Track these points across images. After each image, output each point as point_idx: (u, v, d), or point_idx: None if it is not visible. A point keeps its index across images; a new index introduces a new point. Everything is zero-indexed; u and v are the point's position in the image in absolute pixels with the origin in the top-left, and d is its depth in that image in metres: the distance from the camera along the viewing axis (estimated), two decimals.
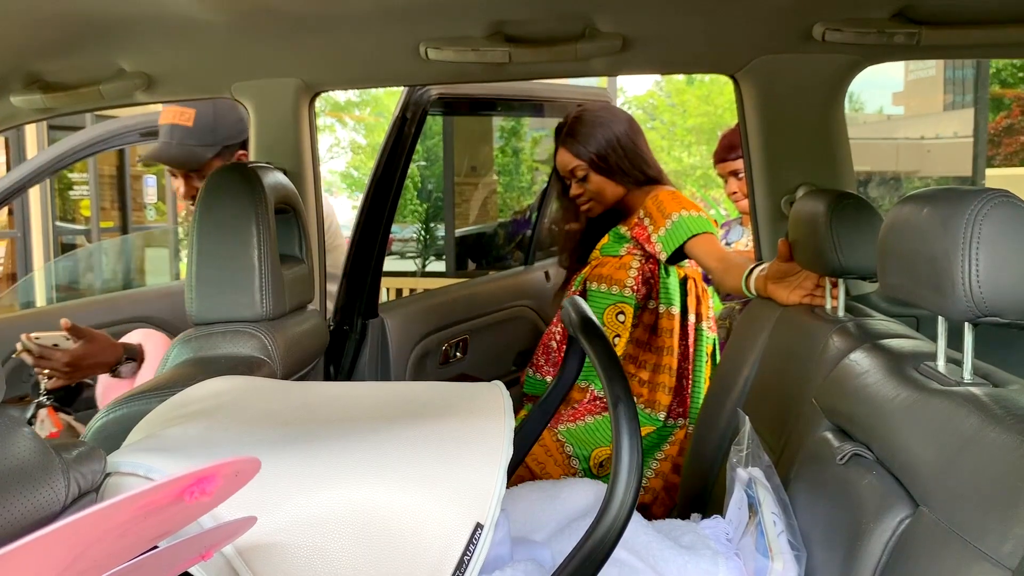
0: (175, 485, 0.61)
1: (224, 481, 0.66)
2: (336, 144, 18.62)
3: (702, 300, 2.27)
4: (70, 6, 1.56)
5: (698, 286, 2.27)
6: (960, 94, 15.58)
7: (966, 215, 0.98)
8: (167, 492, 0.60)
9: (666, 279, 2.22)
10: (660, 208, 2.18)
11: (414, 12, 1.70)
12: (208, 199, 1.56)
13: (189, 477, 0.61)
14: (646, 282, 2.22)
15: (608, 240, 2.30)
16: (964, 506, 0.88)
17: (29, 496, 0.78)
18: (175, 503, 0.62)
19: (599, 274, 2.26)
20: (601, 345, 1.10)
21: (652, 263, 2.22)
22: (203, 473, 0.63)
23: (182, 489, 0.61)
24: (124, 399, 1.32)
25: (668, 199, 2.19)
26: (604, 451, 2.13)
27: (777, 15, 1.73)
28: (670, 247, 2.14)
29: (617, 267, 2.24)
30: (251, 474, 0.72)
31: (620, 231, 2.28)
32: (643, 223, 2.21)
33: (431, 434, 1.01)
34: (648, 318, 2.24)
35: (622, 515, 0.98)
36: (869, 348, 1.29)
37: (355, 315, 2.33)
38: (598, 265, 2.28)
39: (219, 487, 0.65)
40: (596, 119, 2.27)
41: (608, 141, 2.25)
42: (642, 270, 2.22)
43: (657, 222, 2.17)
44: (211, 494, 0.64)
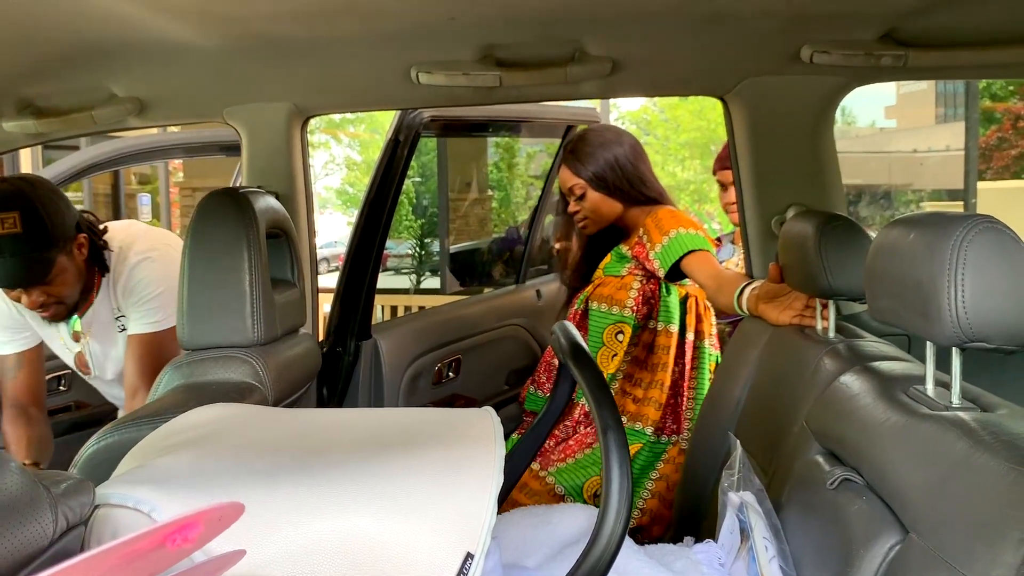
0: (158, 533, 0.61)
1: (206, 527, 0.66)
2: (331, 161, 18.65)
3: (704, 318, 2.28)
4: (61, 31, 1.57)
5: (699, 304, 2.28)
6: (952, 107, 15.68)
7: (952, 241, 0.98)
8: (150, 540, 0.60)
9: (667, 298, 2.23)
10: (658, 225, 2.19)
11: (405, 37, 1.71)
12: (199, 225, 1.57)
13: (172, 524, 0.61)
14: (647, 302, 2.23)
15: (610, 260, 2.32)
16: (952, 533, 0.88)
17: (16, 531, 0.78)
18: (157, 549, 0.62)
19: (600, 294, 2.27)
20: (590, 371, 1.10)
21: (653, 283, 2.24)
22: (186, 520, 0.63)
23: (164, 536, 0.61)
24: (114, 427, 1.32)
25: (667, 217, 2.20)
26: (598, 480, 2.13)
27: (765, 38, 1.74)
28: (667, 263, 2.15)
29: (618, 287, 2.25)
30: (234, 518, 0.72)
31: (622, 250, 2.30)
32: (642, 241, 2.22)
33: (421, 463, 1.01)
34: (647, 337, 2.24)
35: (613, 542, 0.98)
36: (859, 371, 1.29)
37: (348, 337, 2.33)
38: (600, 285, 2.30)
39: (201, 533, 0.65)
40: (599, 140, 2.30)
41: (608, 162, 2.27)
42: (643, 290, 2.23)
43: (654, 239, 2.18)
44: (193, 540, 0.64)
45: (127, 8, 1.44)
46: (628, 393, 2.23)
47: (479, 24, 1.65)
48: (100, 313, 2.10)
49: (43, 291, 1.92)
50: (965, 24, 1.68)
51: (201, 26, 1.58)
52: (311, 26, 1.64)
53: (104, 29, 1.57)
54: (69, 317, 2.07)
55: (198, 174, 9.19)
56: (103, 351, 2.15)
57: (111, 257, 2.06)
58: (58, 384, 2.69)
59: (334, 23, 1.63)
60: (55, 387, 2.67)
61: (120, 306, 2.08)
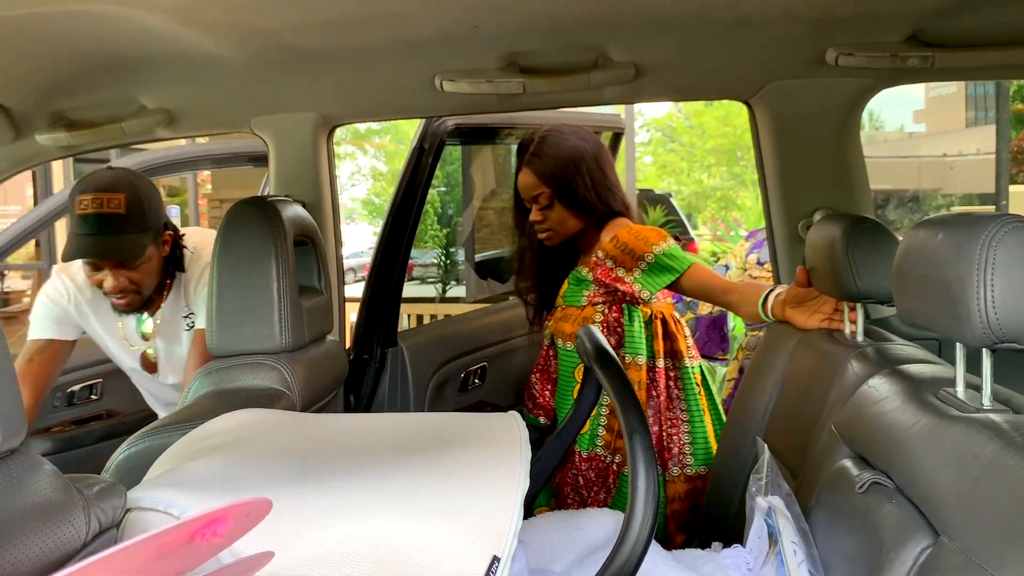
0: (187, 527, 0.61)
1: (235, 522, 0.67)
2: (357, 171, 18.80)
3: (677, 335, 2.12)
4: (92, 46, 1.60)
5: (669, 322, 2.12)
6: (982, 110, 15.50)
7: (980, 240, 0.97)
8: (179, 534, 0.61)
9: (630, 327, 2.07)
10: (625, 249, 2.03)
11: (429, 45, 1.72)
12: (227, 233, 1.59)
13: (201, 519, 0.62)
14: (612, 332, 2.07)
15: (568, 287, 2.15)
16: (984, 535, 0.87)
17: (51, 533, 0.80)
18: (187, 544, 0.63)
19: (563, 330, 2.12)
20: (616, 376, 1.10)
21: (615, 310, 2.07)
22: (215, 515, 0.63)
23: (194, 531, 0.62)
24: (146, 433, 1.34)
25: (630, 239, 2.04)
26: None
27: (790, 41, 1.74)
28: (655, 287, 2.02)
29: (580, 322, 2.08)
30: (263, 514, 0.72)
31: (580, 273, 2.13)
32: (604, 264, 2.06)
33: (447, 467, 1.01)
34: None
35: (639, 546, 0.97)
36: (888, 374, 1.28)
37: (374, 344, 2.34)
38: (562, 318, 2.14)
39: (230, 528, 0.66)
40: (563, 141, 2.10)
41: (578, 171, 2.08)
42: (606, 321, 2.07)
43: (625, 264, 2.03)
44: (223, 535, 0.65)
45: (157, 22, 1.47)
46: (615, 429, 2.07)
47: (502, 32, 1.66)
48: (169, 312, 2.17)
49: (127, 275, 2.02)
50: (992, 24, 1.66)
51: (229, 38, 1.61)
52: (336, 36, 1.66)
53: (135, 43, 1.60)
54: (139, 311, 2.15)
55: (226, 186, 9.29)
56: (167, 350, 2.21)
57: (187, 257, 2.16)
58: (90, 393, 2.73)
59: (359, 33, 1.65)
60: (87, 396, 2.72)
61: (191, 303, 2.16)
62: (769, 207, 2.02)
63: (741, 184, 15.02)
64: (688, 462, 2.09)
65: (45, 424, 2.61)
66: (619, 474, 2.07)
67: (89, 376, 2.70)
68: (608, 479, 2.07)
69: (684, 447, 2.09)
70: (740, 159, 15.26)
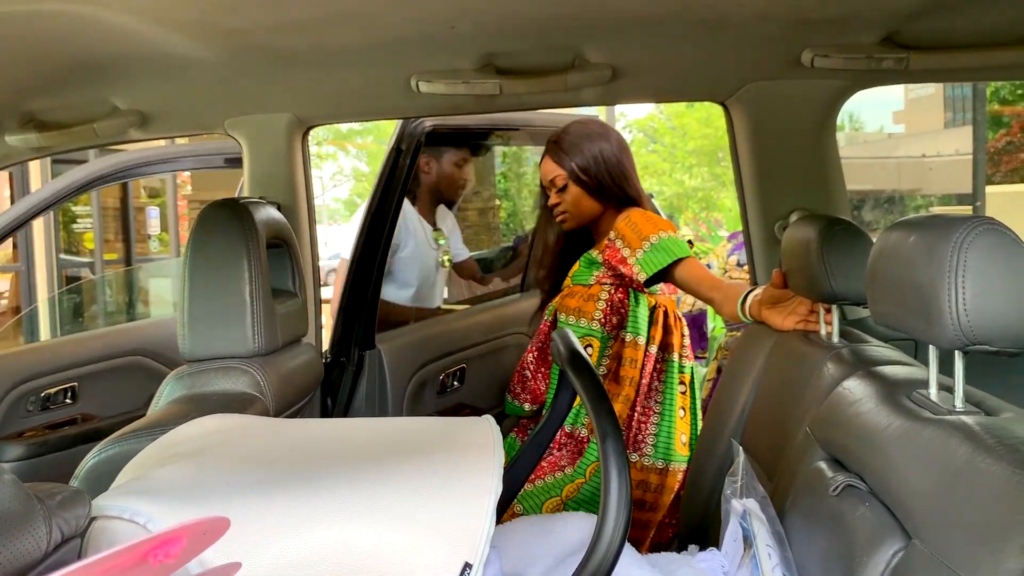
0: (139, 548, 0.60)
1: (189, 542, 0.65)
2: (339, 172, 18.73)
3: (674, 330, 2.19)
4: (63, 46, 1.57)
5: (669, 315, 2.20)
6: (960, 112, 15.64)
7: (951, 243, 0.97)
8: (131, 555, 0.59)
9: (635, 308, 2.15)
10: (635, 229, 2.11)
11: (405, 46, 1.71)
12: (199, 236, 1.57)
13: (153, 540, 0.61)
14: (616, 312, 2.15)
15: (579, 267, 2.24)
16: (956, 538, 0.87)
17: (9, 544, 0.78)
18: (139, 565, 0.61)
19: (567, 305, 2.20)
20: (589, 379, 1.09)
21: (621, 292, 2.16)
22: (168, 536, 0.62)
23: (146, 552, 0.61)
24: (116, 439, 1.32)
25: (642, 220, 2.13)
26: (554, 502, 2.06)
27: (766, 42, 1.74)
28: (651, 268, 2.07)
29: (585, 298, 2.18)
30: (220, 532, 0.71)
31: (592, 255, 2.23)
32: (614, 244, 2.14)
33: (418, 472, 1.00)
34: (618, 347, 2.16)
35: (613, 549, 0.97)
36: (862, 375, 1.28)
37: (352, 347, 2.32)
38: (568, 295, 2.23)
39: (184, 548, 0.65)
40: (585, 132, 2.23)
41: (592, 155, 2.19)
42: (611, 300, 2.15)
43: (632, 243, 2.10)
44: (175, 556, 0.63)
45: (128, 22, 1.45)
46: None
47: (478, 32, 1.65)
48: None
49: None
50: (966, 26, 1.67)
51: (202, 38, 1.59)
52: (311, 36, 1.64)
53: (106, 43, 1.57)
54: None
55: (206, 187, 9.23)
56: None
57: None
58: (65, 396, 2.69)
59: (334, 33, 1.63)
60: (62, 399, 2.68)
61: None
62: (746, 208, 2.02)
63: (722, 185, 15.07)
64: (647, 451, 2.12)
65: (18, 428, 2.58)
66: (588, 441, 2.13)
67: (64, 379, 2.67)
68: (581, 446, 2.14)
69: (647, 436, 2.13)
70: (721, 160, 15.31)
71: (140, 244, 9.11)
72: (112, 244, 8.77)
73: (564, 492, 2.07)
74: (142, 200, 9.49)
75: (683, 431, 2.15)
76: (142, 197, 9.53)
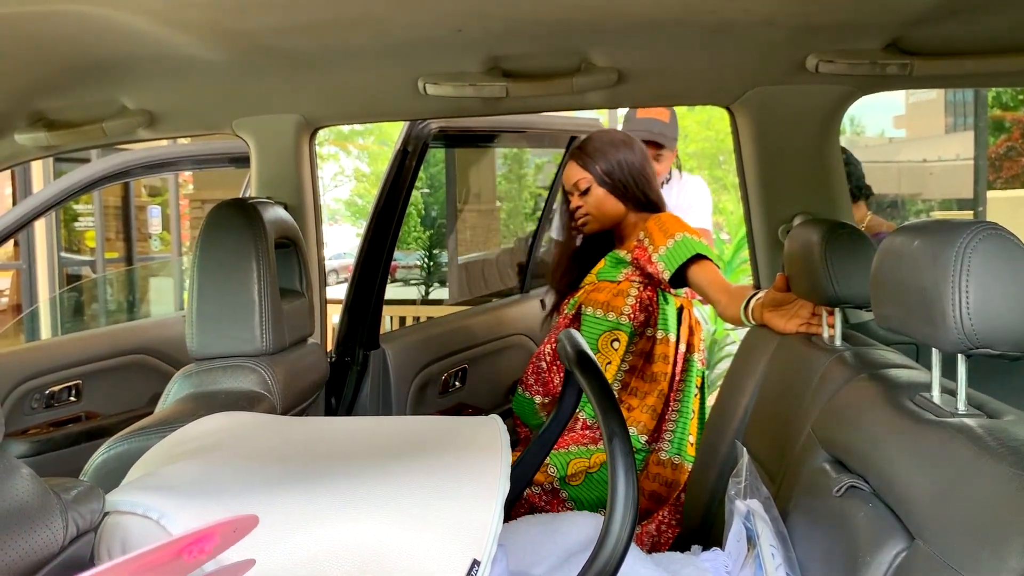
0: (175, 545, 0.61)
1: (222, 539, 0.67)
2: (340, 172, 18.73)
3: (695, 331, 2.25)
4: (73, 46, 1.59)
5: (691, 317, 2.25)
6: (961, 116, 15.65)
7: (956, 247, 0.98)
8: (167, 552, 0.61)
9: (665, 306, 2.20)
10: (663, 228, 2.17)
11: (412, 48, 1.72)
12: (208, 235, 1.58)
13: (189, 537, 0.62)
14: (644, 309, 2.19)
15: (605, 264, 2.28)
16: (958, 539, 0.88)
17: (27, 537, 0.79)
18: (174, 560, 0.62)
19: (595, 299, 2.23)
20: (596, 380, 1.11)
21: (650, 290, 2.20)
22: (203, 533, 0.63)
23: (181, 548, 0.62)
24: (124, 436, 1.33)
25: (671, 220, 2.19)
26: (580, 463, 2.12)
27: (771, 48, 1.75)
28: (672, 264, 2.11)
29: (615, 293, 2.21)
30: (248, 530, 0.73)
31: (619, 255, 2.27)
32: (643, 244, 2.19)
33: (428, 470, 1.02)
34: (644, 345, 2.21)
35: (619, 550, 0.98)
36: (866, 378, 1.29)
37: (356, 347, 2.34)
38: (594, 290, 2.26)
39: (216, 545, 0.66)
40: (610, 139, 2.30)
41: (618, 160, 2.27)
42: (640, 297, 2.19)
43: (658, 241, 2.15)
44: (209, 552, 0.65)
45: (139, 23, 1.46)
46: (623, 402, 2.19)
47: (486, 36, 1.66)
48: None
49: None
50: (970, 33, 1.68)
51: (212, 40, 1.60)
52: (320, 38, 1.65)
53: (116, 44, 1.59)
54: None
55: (208, 186, 9.24)
56: None
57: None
58: (69, 394, 2.70)
59: (343, 35, 1.64)
60: (66, 397, 2.69)
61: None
62: (750, 212, 2.03)
63: (723, 188, 15.09)
64: (664, 447, 2.17)
65: (23, 426, 2.59)
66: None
67: (68, 377, 2.68)
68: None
69: (666, 432, 2.18)
70: (722, 163, 15.34)
71: (141, 243, 9.13)
72: (113, 243, 8.79)
73: (592, 458, 2.12)
74: (144, 199, 9.51)
75: (692, 432, 2.19)
76: (143, 196, 9.55)
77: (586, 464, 2.11)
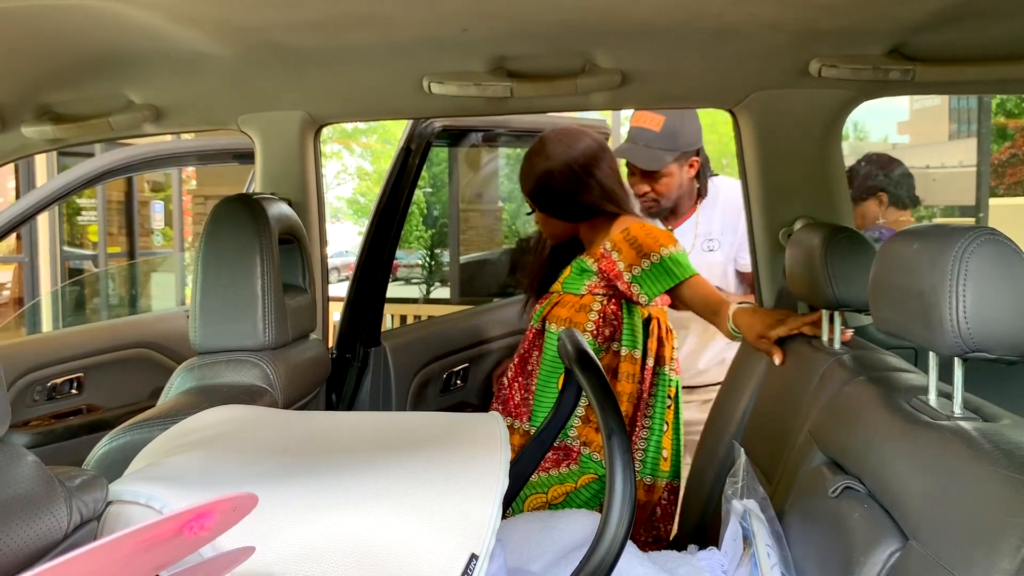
0: (176, 520, 0.62)
1: (222, 516, 0.68)
2: (343, 171, 18.75)
3: (665, 342, 2.13)
4: (81, 40, 1.60)
5: (662, 327, 2.14)
6: (965, 123, 15.65)
7: (953, 252, 0.99)
8: (168, 527, 0.62)
9: (630, 319, 2.08)
10: (633, 243, 2.04)
11: (417, 47, 1.73)
12: (213, 230, 1.59)
13: (189, 513, 0.63)
14: (608, 324, 2.07)
15: (570, 272, 2.16)
16: (952, 540, 0.89)
17: (32, 524, 0.80)
18: (175, 537, 0.63)
19: (558, 315, 2.12)
20: (596, 378, 1.12)
21: (614, 303, 2.08)
22: (202, 509, 0.64)
23: (182, 524, 0.63)
24: (127, 428, 1.34)
25: (642, 235, 2.05)
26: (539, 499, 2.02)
27: (774, 51, 1.76)
28: (653, 291, 2.01)
29: (576, 308, 2.10)
30: (248, 509, 0.73)
31: (584, 263, 2.13)
32: (609, 255, 2.06)
33: (427, 465, 1.02)
34: (610, 360, 2.08)
35: (615, 547, 0.99)
36: (863, 381, 1.30)
37: (357, 343, 2.35)
38: (558, 304, 2.14)
39: (217, 522, 0.67)
40: (540, 152, 2.14)
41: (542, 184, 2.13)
42: (603, 312, 2.08)
43: (628, 257, 2.02)
44: (209, 529, 0.66)
45: (147, 18, 1.47)
46: (590, 421, 2.07)
47: (491, 36, 1.67)
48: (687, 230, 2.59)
49: (650, 183, 2.49)
50: (973, 40, 1.69)
51: (218, 36, 1.61)
52: (326, 36, 1.66)
53: (124, 38, 1.60)
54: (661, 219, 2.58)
55: (210, 182, 9.26)
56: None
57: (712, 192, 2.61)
58: (71, 387, 2.72)
59: (349, 33, 1.65)
60: (67, 390, 2.71)
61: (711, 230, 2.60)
62: (751, 214, 2.04)
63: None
64: (636, 468, 2.05)
65: (24, 418, 2.60)
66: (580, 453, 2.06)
67: (70, 370, 2.69)
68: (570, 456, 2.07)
69: (637, 452, 2.08)
70: (725, 166, 15.34)
71: (144, 238, 9.15)
72: (116, 237, 8.80)
73: (550, 493, 2.02)
74: (146, 194, 9.53)
75: (665, 446, 2.10)
76: (146, 191, 9.57)
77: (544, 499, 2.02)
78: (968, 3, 1.49)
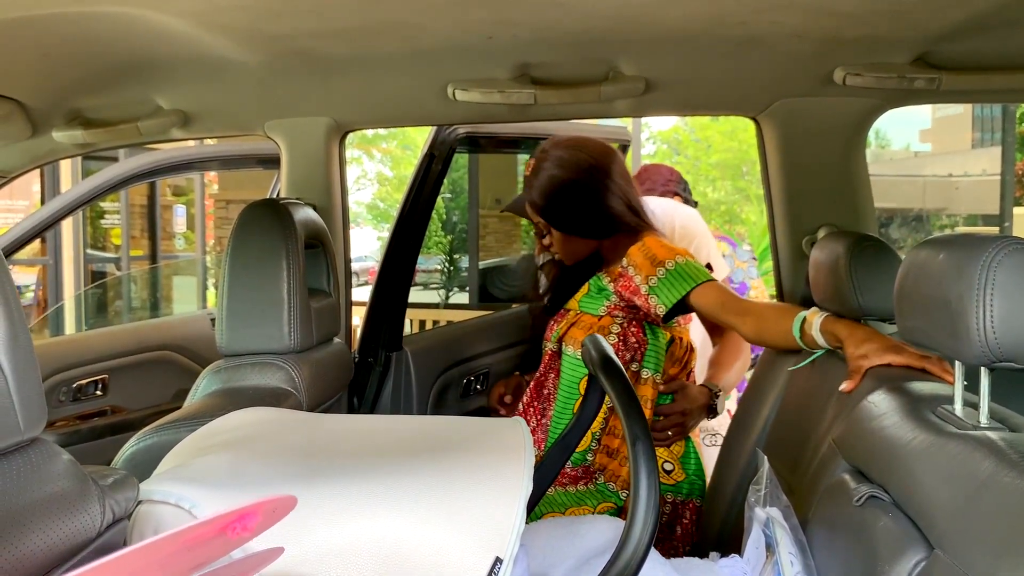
0: (221, 520, 0.64)
1: (263, 517, 0.69)
2: (363, 176, 18.83)
3: (687, 363, 2.03)
4: (111, 47, 1.62)
5: (682, 348, 2.02)
6: (988, 131, 15.53)
7: (981, 261, 0.99)
8: (213, 527, 0.63)
9: (654, 342, 1.95)
10: (648, 255, 1.91)
11: (442, 54, 1.75)
12: (240, 234, 1.61)
13: (234, 513, 0.64)
14: (629, 347, 1.93)
15: (588, 291, 2.01)
16: (977, 550, 0.89)
17: (68, 521, 0.82)
18: (218, 537, 0.65)
19: (574, 337, 1.96)
20: (620, 384, 1.12)
21: (635, 326, 1.95)
22: (247, 510, 0.66)
23: (226, 524, 0.64)
24: (154, 429, 1.36)
25: (656, 246, 1.92)
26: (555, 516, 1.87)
27: (798, 59, 1.76)
28: (670, 299, 1.86)
29: (595, 331, 1.94)
30: (287, 511, 0.75)
31: (602, 282, 1.99)
32: (627, 273, 1.93)
33: (452, 469, 1.03)
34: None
35: (639, 553, 0.99)
36: (888, 390, 1.29)
37: (379, 348, 2.36)
38: (575, 325, 1.99)
39: (259, 523, 0.68)
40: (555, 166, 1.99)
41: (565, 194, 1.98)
42: (623, 335, 1.94)
43: (644, 270, 1.90)
44: (252, 529, 0.67)
45: (176, 25, 1.49)
46: (604, 446, 1.96)
47: (515, 43, 1.69)
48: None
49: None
50: (999, 48, 1.69)
51: (247, 43, 1.63)
52: (352, 43, 1.68)
53: (154, 45, 1.62)
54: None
55: (233, 187, 9.34)
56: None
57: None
58: (95, 388, 2.75)
59: (374, 41, 1.67)
60: (92, 391, 2.74)
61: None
62: (774, 223, 2.04)
63: (745, 199, 15.05)
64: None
65: (50, 418, 2.63)
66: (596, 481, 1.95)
67: (95, 371, 2.72)
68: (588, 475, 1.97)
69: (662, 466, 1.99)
70: (745, 174, 15.30)
71: (166, 241, 9.23)
72: (138, 241, 8.89)
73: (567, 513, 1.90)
74: (169, 198, 9.62)
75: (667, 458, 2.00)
76: (169, 195, 9.67)
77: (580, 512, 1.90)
78: (994, 12, 1.49)
